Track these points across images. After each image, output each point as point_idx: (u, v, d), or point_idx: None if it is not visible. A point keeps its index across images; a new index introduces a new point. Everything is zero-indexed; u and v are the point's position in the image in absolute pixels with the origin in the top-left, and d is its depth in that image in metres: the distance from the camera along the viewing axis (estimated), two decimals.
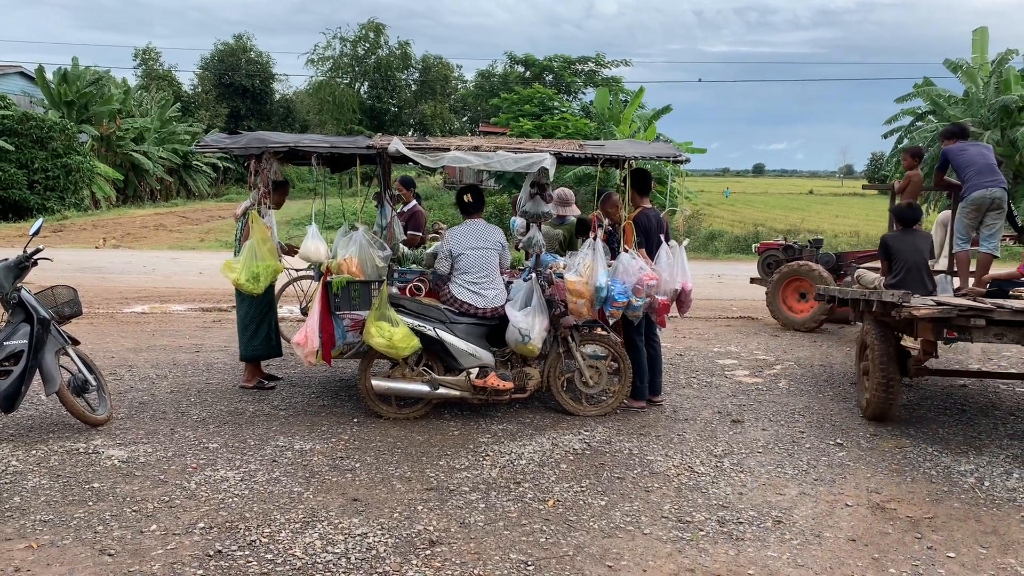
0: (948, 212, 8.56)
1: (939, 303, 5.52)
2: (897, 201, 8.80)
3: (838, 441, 5.89)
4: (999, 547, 4.21)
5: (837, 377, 7.93)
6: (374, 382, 6.12)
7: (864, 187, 12.91)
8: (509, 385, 6.11)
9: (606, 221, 6.98)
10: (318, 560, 3.91)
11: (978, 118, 25.43)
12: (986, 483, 5.10)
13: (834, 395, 7.21)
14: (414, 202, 8.97)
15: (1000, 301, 5.81)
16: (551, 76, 42.10)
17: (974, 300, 5.81)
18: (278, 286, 7.34)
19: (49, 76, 32.63)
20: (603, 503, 4.67)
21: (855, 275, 8.43)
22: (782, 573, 3.89)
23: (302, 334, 6.01)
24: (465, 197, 6.45)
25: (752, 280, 11.80)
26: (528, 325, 5.99)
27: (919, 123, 29.15)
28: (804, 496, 4.86)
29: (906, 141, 29.68)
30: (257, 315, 6.93)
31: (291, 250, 7.13)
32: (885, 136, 30.32)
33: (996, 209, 7.30)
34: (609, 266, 6.22)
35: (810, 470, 5.30)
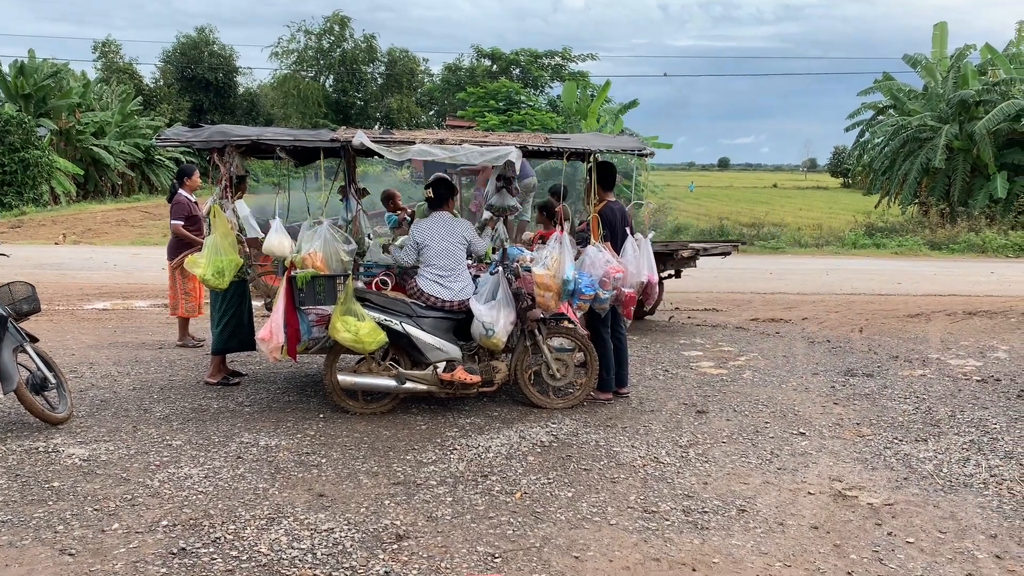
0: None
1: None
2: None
3: (801, 431, 5.98)
4: (956, 532, 4.31)
5: (800, 368, 8.05)
6: (340, 377, 6.09)
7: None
8: (476, 379, 6.10)
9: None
10: (284, 556, 3.89)
11: (937, 112, 25.89)
12: (944, 469, 5.21)
13: (797, 385, 7.31)
14: (181, 192, 8.39)
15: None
16: (518, 70, 42.17)
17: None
18: None
19: (5, 69, 32.05)
20: (570, 495, 4.70)
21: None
22: (746, 561, 3.95)
23: (267, 329, 5.95)
24: (428, 191, 6.43)
25: None
26: (492, 319, 5.98)
27: (880, 117, 29.67)
28: (767, 485, 4.92)
29: (868, 135, 30.19)
30: (230, 308, 6.85)
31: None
32: (847, 129, 30.89)
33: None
34: (576, 259, 6.23)
35: (773, 459, 5.37)
